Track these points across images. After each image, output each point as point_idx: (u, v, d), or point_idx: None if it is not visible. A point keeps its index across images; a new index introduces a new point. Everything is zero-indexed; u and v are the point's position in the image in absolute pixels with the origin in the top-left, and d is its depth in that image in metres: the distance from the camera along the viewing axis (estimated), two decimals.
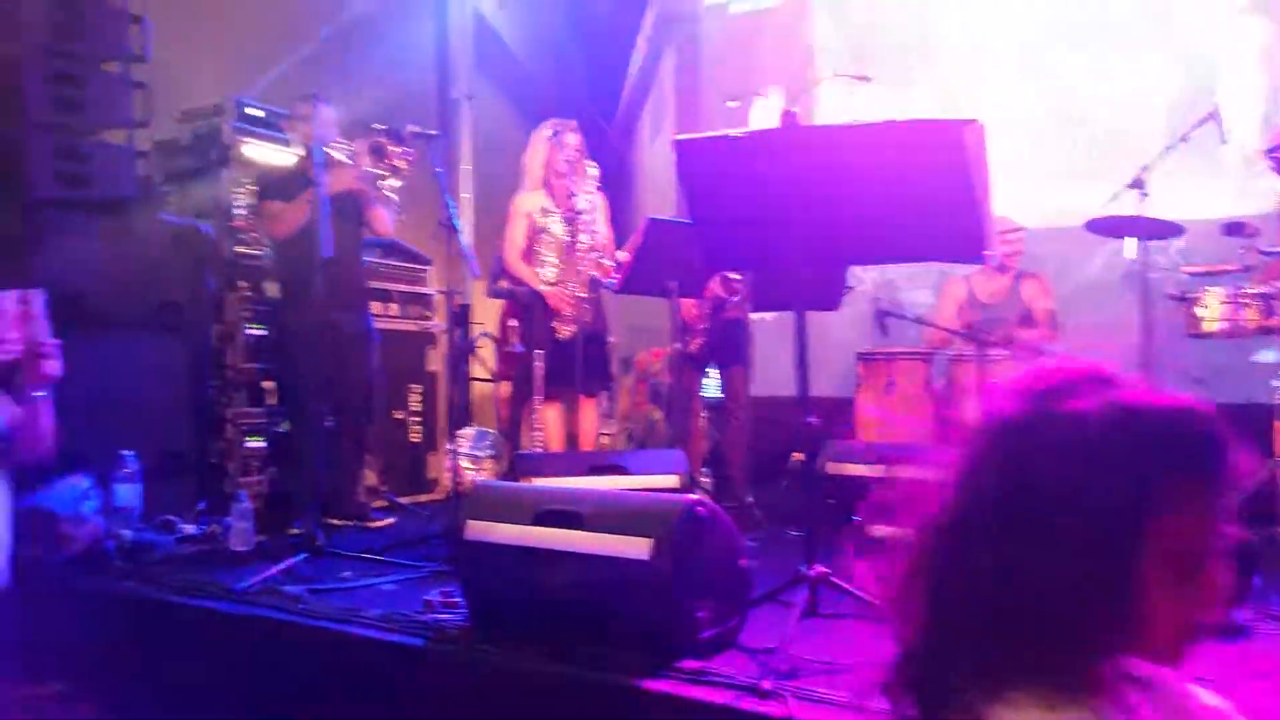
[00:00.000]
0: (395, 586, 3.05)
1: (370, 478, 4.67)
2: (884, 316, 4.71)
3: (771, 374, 5.55)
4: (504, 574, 2.50)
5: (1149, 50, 5.39)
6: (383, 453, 4.78)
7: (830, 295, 4.27)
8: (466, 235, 6.26)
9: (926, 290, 6.02)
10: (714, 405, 5.11)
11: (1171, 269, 4.77)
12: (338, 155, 4.03)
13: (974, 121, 2.39)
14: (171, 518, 3.74)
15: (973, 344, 4.48)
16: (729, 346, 4.75)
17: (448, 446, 4.55)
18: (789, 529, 4.04)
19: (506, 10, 7.21)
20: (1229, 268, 4.22)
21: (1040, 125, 5.62)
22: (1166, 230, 4.21)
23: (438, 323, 5.27)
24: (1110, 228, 4.24)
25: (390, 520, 4.32)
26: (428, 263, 5.25)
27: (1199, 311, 4.04)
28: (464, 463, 5.13)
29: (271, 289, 4.57)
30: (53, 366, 2.55)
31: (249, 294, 4.49)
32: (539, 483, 3.39)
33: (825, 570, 2.53)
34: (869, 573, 1.01)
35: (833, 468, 4.30)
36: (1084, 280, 5.49)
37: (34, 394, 2.57)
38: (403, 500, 4.68)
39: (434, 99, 6.81)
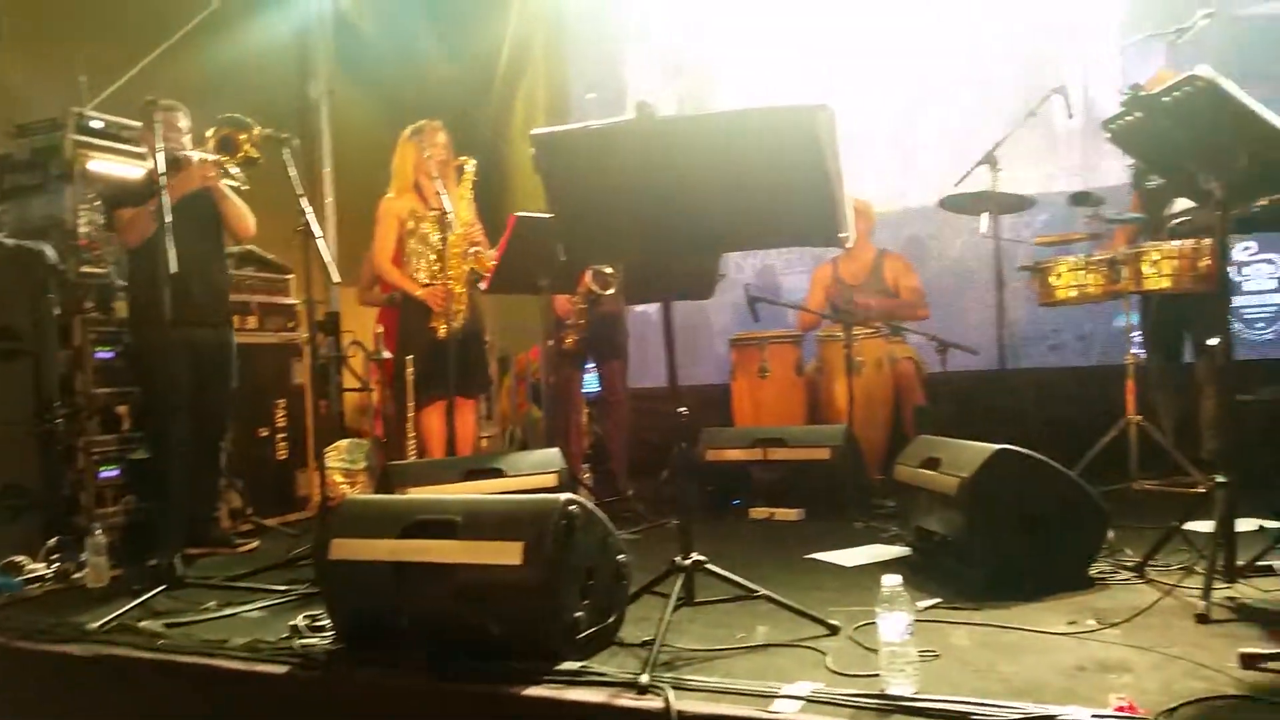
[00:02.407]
0: (262, 613, 2.92)
1: (234, 500, 4.49)
2: (755, 302, 4.78)
3: (652, 366, 5.59)
4: (372, 591, 2.41)
5: (1001, 29, 5.57)
6: (246, 473, 4.60)
7: (703, 284, 4.29)
8: (330, 239, 6.10)
9: (803, 275, 6.13)
10: (594, 400, 5.10)
11: (1029, 241, 4.98)
12: (185, 155, 3.88)
13: (825, 107, 2.42)
14: (18, 558, 3.50)
15: (839, 324, 4.57)
16: (605, 341, 4.75)
17: (317, 462, 4.41)
18: (671, 520, 4.05)
19: (367, 6, 7.02)
20: (1078, 237, 4.41)
21: (901, 108, 5.76)
22: (1017, 204, 4.37)
23: (301, 334, 5.09)
24: (964, 204, 4.38)
25: (256, 544, 4.15)
26: (288, 272, 5.06)
27: (1051, 280, 4.21)
28: (337, 477, 5.00)
29: (121, 308, 4.34)
30: None
31: (97, 315, 4.25)
32: (413, 493, 3.31)
33: (700, 558, 2.53)
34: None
35: (712, 454, 4.36)
36: (952, 256, 5.67)
37: None
38: (271, 522, 4.51)
39: (294, 98, 6.60)
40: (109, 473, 4.12)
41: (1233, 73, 2.34)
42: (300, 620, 2.62)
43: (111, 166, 4.40)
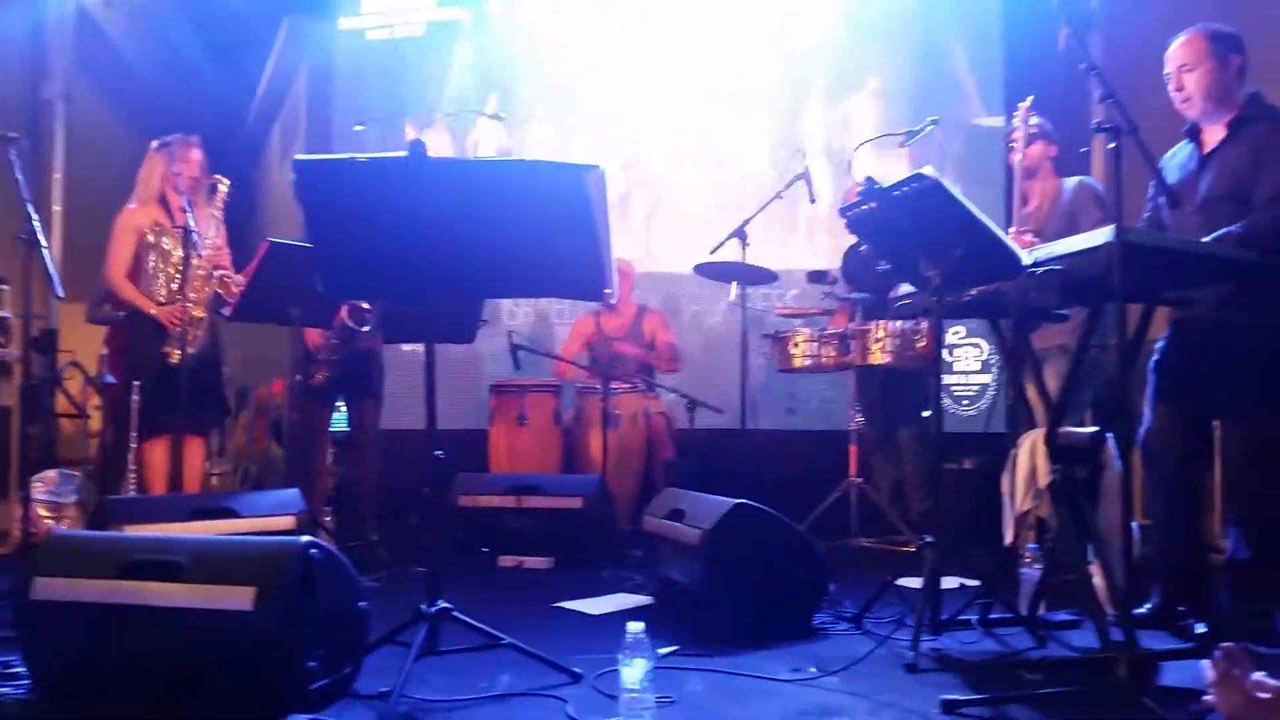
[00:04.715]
0: None
1: None
2: (516, 349, 4.80)
3: (406, 407, 5.46)
4: (82, 636, 2.20)
5: (757, 115, 5.96)
6: None
7: (464, 328, 4.26)
8: (55, 250, 5.58)
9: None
10: (342, 440, 4.90)
11: (773, 311, 5.32)
12: None
13: (596, 167, 2.50)
14: None
15: (597, 377, 4.69)
16: (358, 378, 4.59)
17: (19, 493, 3.97)
18: (417, 566, 3.96)
19: (116, 10, 6.53)
20: (813, 310, 4.77)
21: (674, 176, 6.01)
22: (762, 276, 4.67)
23: (12, 350, 4.58)
24: (715, 272, 4.64)
25: None
26: (2, 282, 4.57)
27: (790, 349, 4.52)
28: (42, 510, 4.51)
29: None
30: None
31: None
32: (131, 530, 3.05)
33: (446, 606, 2.49)
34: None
35: (464, 500, 4.31)
36: (705, 320, 5.93)
37: None
38: None
39: (24, 97, 6.02)
40: None
41: (961, 174, 2.63)
42: None
43: None
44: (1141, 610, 2.96)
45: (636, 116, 6.06)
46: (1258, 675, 1.40)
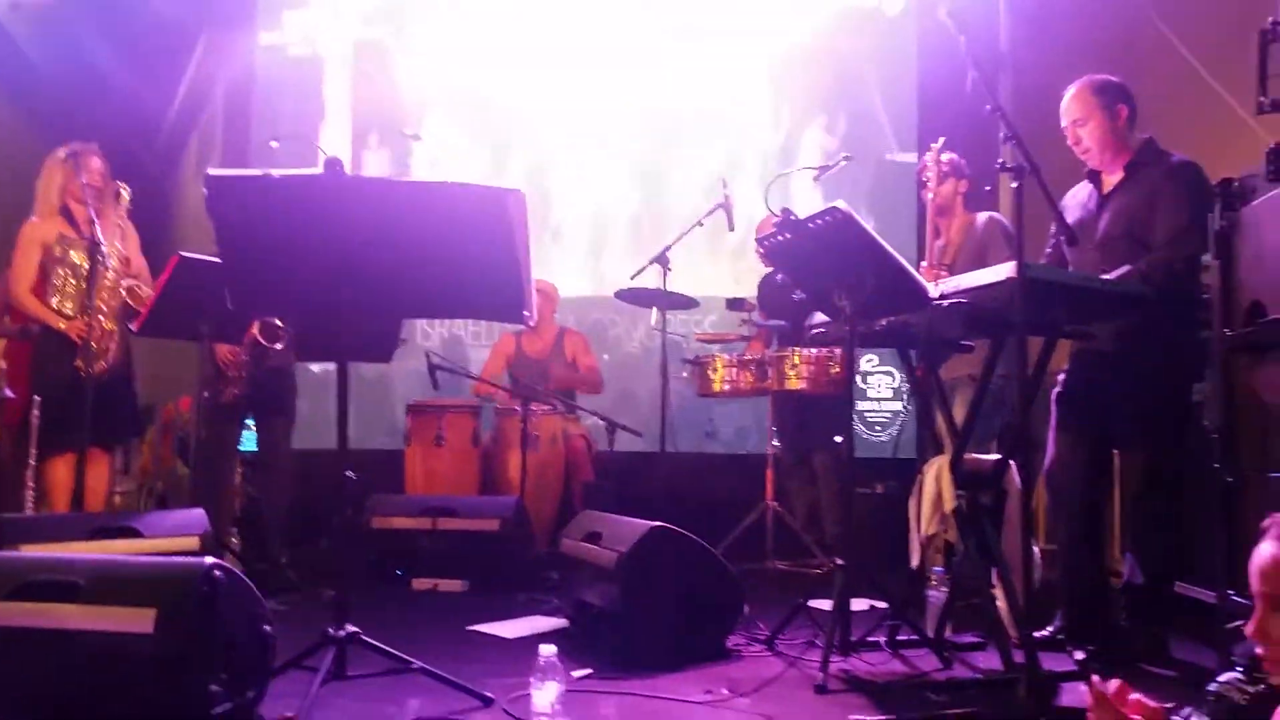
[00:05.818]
0: None
1: None
2: (435, 370, 4.76)
3: (321, 426, 5.36)
4: None
5: (684, 144, 6.03)
6: None
7: (382, 347, 4.21)
8: None
9: (490, 347, 6.17)
10: (251, 459, 4.79)
11: (693, 336, 5.37)
12: None
13: (516, 191, 2.51)
14: None
15: (517, 398, 4.68)
16: (270, 397, 4.50)
17: None
18: (327, 589, 3.88)
19: (23, 13, 6.32)
20: (731, 337, 4.84)
21: (604, 200, 6.04)
22: (683, 302, 4.72)
23: None
24: (636, 298, 4.68)
25: None
26: None
27: (710, 374, 4.57)
28: None
29: None
30: None
31: None
32: (26, 550, 2.94)
33: (355, 630, 2.45)
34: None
35: (379, 522, 4.25)
36: (627, 344, 5.96)
37: None
38: None
39: None
40: None
41: (875, 206, 2.70)
42: None
43: None
44: (1045, 633, 3.05)
45: (568, 140, 6.07)
46: (1135, 696, 1.47)
